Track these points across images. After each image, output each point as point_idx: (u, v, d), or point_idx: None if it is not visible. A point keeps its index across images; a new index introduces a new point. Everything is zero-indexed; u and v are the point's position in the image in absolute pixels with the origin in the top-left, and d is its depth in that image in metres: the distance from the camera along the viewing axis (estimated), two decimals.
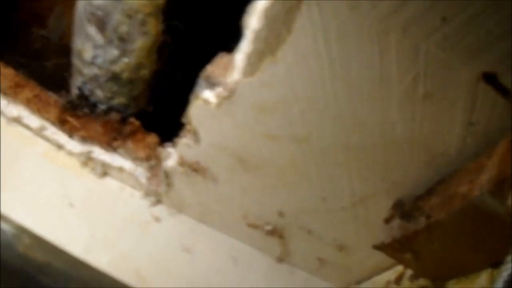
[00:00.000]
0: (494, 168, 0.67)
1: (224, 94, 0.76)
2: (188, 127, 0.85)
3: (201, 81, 0.80)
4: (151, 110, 1.04)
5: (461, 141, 0.73)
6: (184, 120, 0.84)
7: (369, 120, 0.73)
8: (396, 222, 0.78)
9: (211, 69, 0.79)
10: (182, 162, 0.90)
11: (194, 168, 0.90)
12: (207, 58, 0.80)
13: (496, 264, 0.70)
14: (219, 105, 0.77)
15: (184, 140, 0.87)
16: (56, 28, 1.40)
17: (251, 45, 0.70)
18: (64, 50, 1.17)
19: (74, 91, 1.05)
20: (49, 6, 1.39)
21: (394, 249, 0.77)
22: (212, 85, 0.78)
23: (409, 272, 0.85)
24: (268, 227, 0.95)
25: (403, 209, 0.78)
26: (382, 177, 0.79)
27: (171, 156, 0.93)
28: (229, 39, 0.75)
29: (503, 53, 0.66)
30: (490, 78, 0.67)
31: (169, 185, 0.96)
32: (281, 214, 0.92)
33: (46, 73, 1.31)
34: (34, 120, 1.02)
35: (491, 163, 0.68)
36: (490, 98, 0.69)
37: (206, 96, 0.78)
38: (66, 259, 0.93)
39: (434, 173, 0.77)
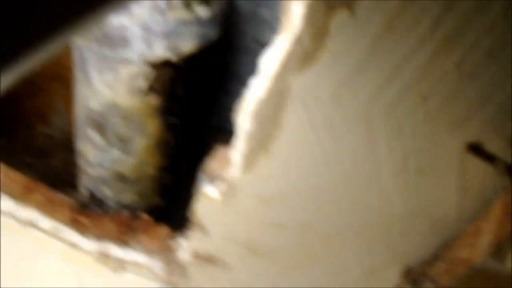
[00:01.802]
0: (491, 231, 0.70)
1: (226, 190, 0.79)
2: (195, 221, 0.87)
3: (202, 177, 0.82)
4: (162, 203, 1.06)
5: (458, 207, 0.76)
6: (190, 215, 0.86)
7: (367, 199, 0.76)
8: None
9: (211, 164, 0.81)
10: (194, 254, 0.92)
11: (207, 259, 0.92)
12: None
13: None
14: (221, 200, 0.80)
15: (194, 234, 0.89)
16: (59, 124, 1.42)
17: (245, 144, 0.73)
18: (68, 146, 1.20)
19: (83, 191, 1.07)
20: (50, 103, 1.41)
21: None
22: (213, 180, 0.80)
23: None
24: None
25: (412, 277, 0.80)
26: (388, 248, 0.81)
27: (184, 248, 0.95)
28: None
29: (485, 120, 0.68)
30: (475, 149, 0.69)
31: (184, 275, 0.97)
32: None
33: (52, 170, 1.33)
34: (46, 222, 1.04)
35: (488, 226, 0.71)
36: (480, 164, 0.71)
37: (209, 192, 0.81)
38: None
39: (437, 239, 0.79)
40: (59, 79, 1.35)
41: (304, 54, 0.65)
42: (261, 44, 0.67)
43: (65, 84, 1.33)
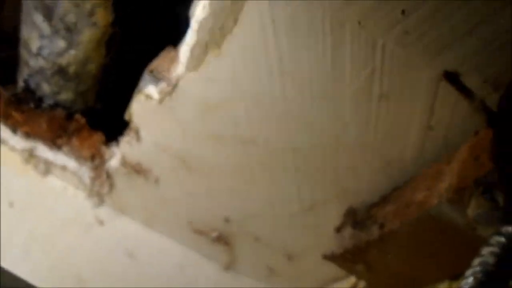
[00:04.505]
0: (453, 175, 0.63)
1: (167, 90, 0.71)
2: (130, 125, 0.80)
3: (145, 76, 0.75)
4: (99, 107, 0.99)
5: (419, 146, 0.70)
6: (126, 117, 0.79)
7: (319, 121, 0.69)
8: (348, 231, 0.74)
9: (156, 63, 0.74)
10: (124, 163, 0.86)
11: (136, 169, 0.85)
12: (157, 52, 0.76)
13: (455, 276, 0.67)
14: (161, 101, 0.73)
15: (126, 139, 0.82)
16: (10, 18, 1.35)
17: (195, 35, 0.65)
18: (15, 42, 1.12)
19: (20, 84, 1.00)
20: None
21: (346, 259, 0.74)
22: (156, 80, 0.73)
23: (362, 283, 0.82)
24: (214, 234, 0.90)
25: (355, 218, 0.74)
26: (333, 182, 0.75)
27: (115, 156, 0.88)
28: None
29: (467, 53, 0.62)
30: (452, 77, 0.63)
31: (111, 186, 0.91)
32: (227, 220, 0.87)
33: None
34: None
35: (451, 170, 0.64)
36: (451, 100, 0.65)
37: (148, 91, 0.74)
38: None
39: (389, 179, 0.73)
40: None
41: None
42: None
43: None
